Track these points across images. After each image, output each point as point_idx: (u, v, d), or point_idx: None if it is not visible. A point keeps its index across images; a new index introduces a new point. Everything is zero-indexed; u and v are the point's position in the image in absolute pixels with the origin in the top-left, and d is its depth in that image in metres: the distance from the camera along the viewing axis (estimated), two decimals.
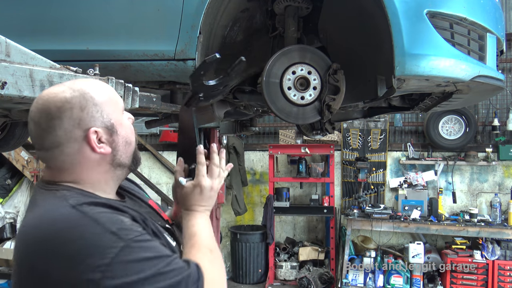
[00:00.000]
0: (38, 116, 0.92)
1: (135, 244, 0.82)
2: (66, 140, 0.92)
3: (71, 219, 0.83)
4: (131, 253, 0.80)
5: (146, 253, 0.82)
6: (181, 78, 1.90)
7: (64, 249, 0.80)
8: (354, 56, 2.03)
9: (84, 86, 0.95)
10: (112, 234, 0.81)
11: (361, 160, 5.34)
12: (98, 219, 0.83)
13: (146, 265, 0.81)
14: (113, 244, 0.80)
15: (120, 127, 0.98)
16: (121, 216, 0.87)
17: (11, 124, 2.94)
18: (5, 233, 5.63)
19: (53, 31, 1.89)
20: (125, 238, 0.81)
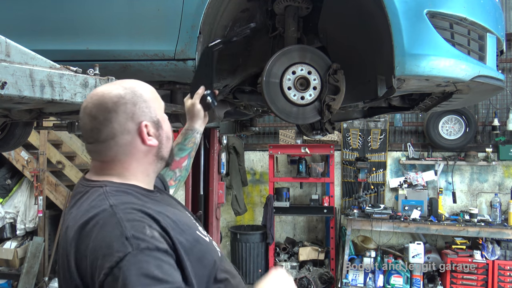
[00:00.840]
0: (95, 111, 1.00)
1: (142, 254, 0.83)
2: (121, 132, 1.00)
3: (103, 217, 0.89)
4: (135, 262, 0.82)
5: (149, 268, 0.82)
6: (181, 78, 1.90)
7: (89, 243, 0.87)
8: (354, 56, 2.03)
9: (134, 85, 1.05)
10: (126, 239, 0.84)
11: (361, 160, 5.34)
12: (122, 222, 0.87)
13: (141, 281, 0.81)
14: (121, 249, 0.83)
15: (164, 123, 1.08)
16: (148, 225, 0.89)
17: (11, 124, 2.94)
18: (5, 233, 5.63)
19: (53, 31, 1.89)
20: (135, 246, 0.83)
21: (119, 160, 1.02)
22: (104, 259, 0.83)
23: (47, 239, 5.42)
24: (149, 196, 1.02)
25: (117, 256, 0.82)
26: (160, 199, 1.06)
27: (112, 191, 0.96)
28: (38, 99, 1.28)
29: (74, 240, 0.90)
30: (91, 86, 1.44)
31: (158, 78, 1.92)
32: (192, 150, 1.60)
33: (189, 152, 1.58)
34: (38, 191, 5.22)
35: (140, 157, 1.04)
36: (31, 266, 5.14)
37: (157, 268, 0.83)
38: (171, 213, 1.00)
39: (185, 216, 1.06)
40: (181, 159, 1.56)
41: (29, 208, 5.58)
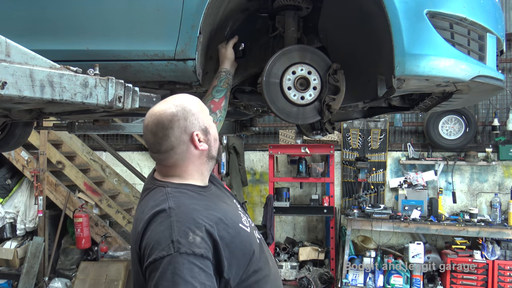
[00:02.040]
0: (155, 129, 1.22)
1: (180, 257, 1.03)
2: (177, 144, 1.22)
3: (161, 216, 1.11)
4: (172, 262, 1.03)
5: (182, 270, 1.02)
6: (181, 78, 1.90)
7: (148, 234, 1.10)
8: (354, 56, 2.03)
9: (182, 101, 1.26)
10: (172, 242, 1.05)
11: (361, 160, 5.34)
12: (173, 225, 1.08)
13: (173, 278, 1.01)
14: (165, 248, 1.04)
15: (211, 128, 1.29)
16: (193, 231, 1.08)
17: (11, 124, 2.94)
18: (5, 233, 5.63)
19: (53, 31, 1.89)
20: (176, 249, 1.04)
21: (178, 165, 1.25)
22: (152, 251, 1.06)
23: (47, 239, 5.42)
24: (202, 193, 1.24)
25: (162, 253, 1.04)
26: (211, 194, 1.27)
27: (172, 191, 1.18)
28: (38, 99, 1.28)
29: (142, 229, 1.12)
30: (91, 86, 1.44)
31: (158, 78, 1.92)
32: (227, 90, 1.84)
33: (225, 93, 1.82)
34: (38, 191, 5.22)
35: (195, 160, 1.25)
36: (31, 266, 5.14)
37: (188, 271, 1.02)
38: (219, 208, 1.20)
39: (231, 209, 1.27)
40: (220, 99, 1.80)
41: (29, 208, 5.58)
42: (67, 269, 5.36)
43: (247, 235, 1.21)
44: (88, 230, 5.16)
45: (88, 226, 5.15)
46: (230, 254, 1.12)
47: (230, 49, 1.92)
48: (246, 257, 1.17)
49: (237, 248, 1.14)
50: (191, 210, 1.13)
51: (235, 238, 1.15)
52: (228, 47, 1.93)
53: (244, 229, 1.21)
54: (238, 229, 1.18)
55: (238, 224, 1.20)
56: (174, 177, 1.26)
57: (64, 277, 5.29)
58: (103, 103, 1.49)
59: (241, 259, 1.15)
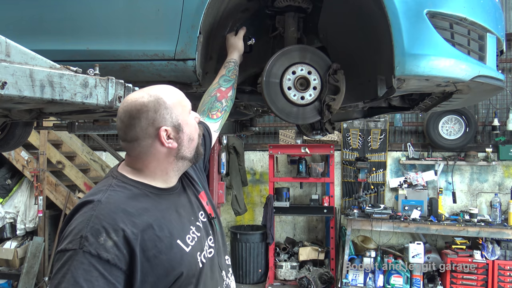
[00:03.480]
0: (123, 116, 1.15)
1: (82, 256, 0.97)
2: (142, 136, 1.14)
3: (87, 207, 1.04)
4: (73, 259, 0.96)
5: (78, 271, 0.95)
6: (181, 78, 1.90)
7: (68, 223, 1.05)
8: (354, 56, 2.03)
9: (159, 92, 1.17)
10: (80, 237, 0.98)
11: (361, 160, 5.34)
12: (89, 220, 1.01)
13: (66, 279, 0.95)
14: (72, 243, 0.98)
15: (185, 126, 1.18)
16: (107, 233, 1.00)
17: (11, 124, 2.94)
18: (5, 233, 5.63)
19: (53, 31, 1.89)
20: (81, 246, 0.97)
21: (141, 158, 1.16)
22: (63, 240, 1.01)
23: (47, 239, 5.42)
24: (152, 195, 1.14)
25: (68, 246, 0.98)
26: (165, 199, 1.16)
27: (116, 184, 1.11)
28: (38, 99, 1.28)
29: (69, 215, 1.07)
30: (91, 86, 1.44)
31: (158, 78, 1.92)
32: (235, 81, 1.81)
33: (232, 83, 1.80)
34: (38, 191, 5.22)
35: (160, 157, 1.16)
36: (31, 266, 5.14)
37: (84, 272, 0.95)
38: (162, 217, 1.10)
39: (180, 221, 1.15)
40: (227, 89, 1.76)
41: (29, 208, 5.58)
42: None
43: (181, 254, 1.09)
44: None
45: None
46: (150, 269, 1.02)
47: (241, 40, 1.92)
48: (169, 278, 1.06)
49: (160, 265, 1.04)
50: (118, 209, 1.04)
51: (163, 254, 1.05)
52: (238, 38, 1.92)
53: (181, 247, 1.10)
54: (172, 245, 1.08)
55: (175, 240, 1.10)
56: (134, 171, 1.17)
57: None
58: (103, 103, 1.49)
59: (161, 279, 1.04)
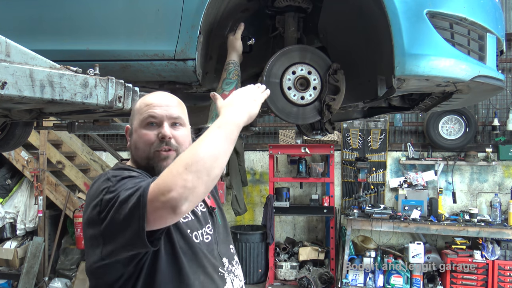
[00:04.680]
0: None
1: (117, 184, 1.09)
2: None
3: (102, 175, 1.18)
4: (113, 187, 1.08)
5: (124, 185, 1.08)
6: (181, 78, 1.90)
7: (88, 198, 1.15)
8: (354, 56, 2.03)
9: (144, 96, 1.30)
10: (108, 179, 1.11)
11: (361, 160, 5.34)
12: (108, 174, 1.15)
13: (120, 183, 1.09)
14: (104, 185, 1.10)
15: (134, 133, 1.27)
16: (126, 172, 1.16)
17: (11, 124, 2.94)
18: (5, 233, 5.63)
19: (53, 31, 1.89)
20: (113, 180, 1.10)
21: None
22: (96, 198, 1.09)
23: (47, 239, 5.42)
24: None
25: (103, 193, 1.07)
26: None
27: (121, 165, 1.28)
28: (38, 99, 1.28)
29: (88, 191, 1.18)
30: (91, 86, 1.44)
31: (158, 78, 1.92)
32: (238, 82, 1.84)
33: (235, 84, 1.82)
34: (38, 191, 5.21)
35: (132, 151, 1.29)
36: (31, 266, 5.14)
37: (131, 181, 1.08)
38: None
39: None
40: (230, 91, 1.76)
41: (29, 208, 5.58)
42: (67, 269, 5.36)
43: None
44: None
45: None
46: None
47: (239, 41, 1.91)
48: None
49: None
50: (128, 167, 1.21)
51: None
52: (236, 38, 1.91)
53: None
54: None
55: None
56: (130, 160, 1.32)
57: (64, 277, 5.29)
58: (103, 103, 1.49)
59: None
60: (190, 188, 0.95)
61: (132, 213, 0.99)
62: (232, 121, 1.12)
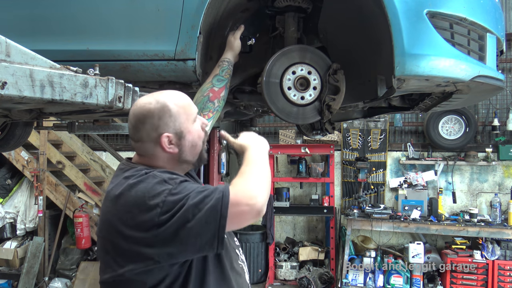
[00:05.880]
0: (131, 118, 1.26)
1: (180, 186, 1.10)
2: (146, 138, 1.23)
3: (139, 180, 1.13)
4: (180, 191, 1.08)
5: (192, 187, 1.11)
6: (181, 78, 1.90)
7: (129, 201, 1.11)
8: (354, 56, 2.03)
9: (167, 99, 1.24)
10: (165, 181, 1.11)
11: (361, 160, 5.34)
12: (156, 176, 1.13)
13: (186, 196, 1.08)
14: (163, 188, 1.08)
15: (188, 134, 1.25)
16: (174, 174, 1.16)
17: (11, 124, 2.94)
18: (5, 233, 5.63)
19: (53, 31, 1.89)
20: (173, 183, 1.10)
21: (148, 157, 1.25)
22: (153, 199, 1.07)
23: (47, 239, 5.42)
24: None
25: (164, 194, 1.07)
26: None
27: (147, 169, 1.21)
28: (38, 99, 1.28)
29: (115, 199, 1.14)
30: (91, 86, 1.44)
31: (158, 78, 1.92)
32: (228, 81, 1.82)
33: (225, 83, 1.80)
34: (38, 191, 5.22)
35: (164, 160, 1.25)
36: (31, 266, 5.14)
37: (194, 185, 1.11)
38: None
39: None
40: (220, 89, 1.77)
41: (29, 208, 5.58)
42: (67, 269, 5.36)
43: None
44: (88, 230, 5.16)
45: (88, 226, 5.14)
46: None
47: (237, 40, 1.89)
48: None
49: None
50: (166, 171, 1.20)
51: None
52: (235, 37, 1.89)
53: None
54: None
55: None
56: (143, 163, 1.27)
57: (64, 277, 5.29)
58: (103, 103, 1.49)
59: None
60: (267, 194, 1.18)
61: (212, 213, 1.05)
62: (265, 149, 1.45)
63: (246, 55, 2.00)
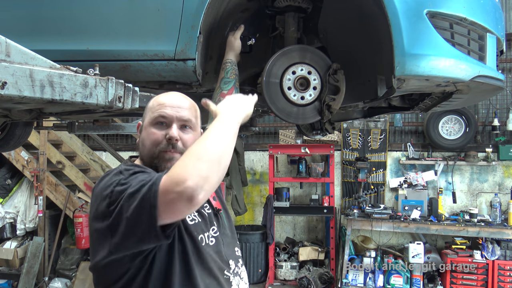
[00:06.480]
0: None
1: (129, 177, 1.10)
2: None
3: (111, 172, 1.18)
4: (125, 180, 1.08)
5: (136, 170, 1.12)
6: (181, 78, 1.90)
7: (98, 190, 1.14)
8: (354, 56, 2.03)
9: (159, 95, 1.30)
10: (120, 172, 1.13)
11: (361, 160, 5.34)
12: (121, 168, 1.17)
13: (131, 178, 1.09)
14: (116, 178, 1.10)
15: (144, 130, 1.28)
16: (139, 167, 1.17)
17: (11, 124, 2.94)
18: (5, 233, 5.63)
19: (53, 31, 1.89)
20: (126, 173, 1.11)
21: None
22: (105, 190, 1.08)
23: (47, 239, 5.42)
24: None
25: (113, 185, 1.07)
26: None
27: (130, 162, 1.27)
28: (38, 99, 1.28)
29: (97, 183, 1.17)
30: (91, 86, 1.44)
31: (158, 78, 1.92)
32: (236, 81, 1.84)
33: (234, 83, 1.82)
34: (38, 191, 5.21)
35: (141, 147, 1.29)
36: (31, 266, 5.14)
37: (143, 175, 1.08)
38: None
39: None
40: (229, 90, 1.79)
41: (29, 208, 5.58)
42: (67, 269, 5.36)
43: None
44: (88, 230, 5.15)
45: (88, 226, 5.14)
46: None
47: (238, 40, 1.92)
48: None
49: None
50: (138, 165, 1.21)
51: None
52: (235, 37, 1.92)
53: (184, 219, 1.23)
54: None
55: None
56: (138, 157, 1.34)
57: (64, 277, 5.29)
58: (103, 103, 1.49)
59: None
60: (204, 177, 0.96)
61: (143, 203, 0.98)
62: (232, 117, 1.15)
63: (246, 55, 2.00)
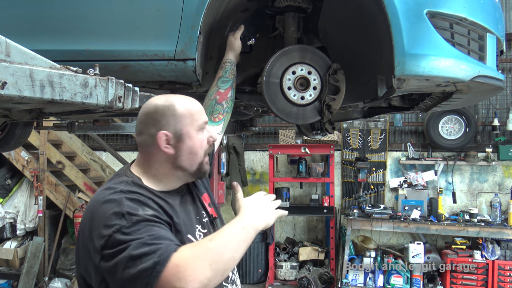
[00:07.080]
0: (140, 112, 1.27)
1: (134, 227, 1.03)
2: (146, 132, 1.22)
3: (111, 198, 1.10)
4: (128, 233, 1.02)
5: (142, 236, 1.02)
6: (181, 78, 1.90)
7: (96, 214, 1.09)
8: (354, 56, 2.03)
9: (176, 100, 1.24)
10: (122, 215, 1.04)
11: (361, 160, 5.34)
12: (122, 203, 1.07)
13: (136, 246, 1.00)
14: (118, 222, 1.03)
15: (188, 138, 1.22)
16: (142, 207, 1.08)
17: (11, 124, 2.94)
18: (5, 233, 5.63)
19: (53, 31, 1.89)
20: (128, 221, 1.03)
21: (146, 155, 1.24)
22: (104, 229, 1.03)
23: (47, 239, 5.42)
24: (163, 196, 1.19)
25: (113, 229, 1.02)
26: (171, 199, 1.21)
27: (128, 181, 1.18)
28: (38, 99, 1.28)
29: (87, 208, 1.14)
30: (91, 86, 1.44)
31: (158, 78, 1.92)
32: (233, 81, 1.83)
33: (231, 84, 1.81)
34: (38, 191, 5.22)
35: (161, 161, 1.22)
36: (31, 266, 5.14)
37: (148, 232, 1.02)
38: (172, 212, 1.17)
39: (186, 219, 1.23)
40: (226, 90, 1.78)
41: (29, 208, 5.58)
42: (67, 269, 5.36)
43: None
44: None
45: None
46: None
47: (238, 40, 1.90)
48: None
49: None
50: (143, 196, 1.14)
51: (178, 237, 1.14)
52: (235, 38, 1.91)
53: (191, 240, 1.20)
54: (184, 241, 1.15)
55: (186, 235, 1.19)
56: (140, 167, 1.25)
57: (64, 277, 5.29)
58: (103, 103, 1.49)
59: None
60: (206, 284, 0.99)
61: (141, 274, 0.97)
62: (254, 227, 1.18)
63: (246, 55, 2.00)
